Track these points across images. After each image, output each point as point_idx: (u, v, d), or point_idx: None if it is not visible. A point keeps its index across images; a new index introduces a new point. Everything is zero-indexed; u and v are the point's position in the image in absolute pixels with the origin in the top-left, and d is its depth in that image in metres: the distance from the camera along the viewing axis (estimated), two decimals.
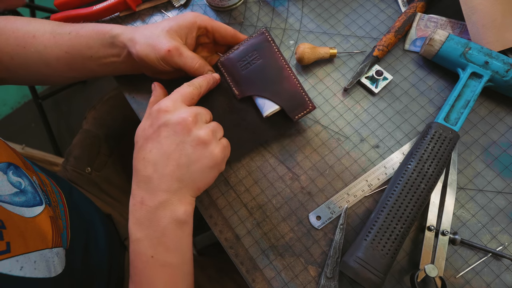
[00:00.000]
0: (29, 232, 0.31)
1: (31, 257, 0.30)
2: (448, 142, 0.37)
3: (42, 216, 0.34)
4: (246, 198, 0.41)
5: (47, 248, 0.33)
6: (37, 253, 0.31)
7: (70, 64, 0.40)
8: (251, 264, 0.39)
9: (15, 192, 0.32)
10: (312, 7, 0.51)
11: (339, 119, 0.44)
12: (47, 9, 1.22)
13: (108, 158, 0.59)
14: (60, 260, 0.34)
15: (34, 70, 0.41)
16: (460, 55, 0.41)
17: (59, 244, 0.35)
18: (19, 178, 0.34)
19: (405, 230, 0.34)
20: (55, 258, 0.33)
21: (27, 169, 0.37)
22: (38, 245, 0.31)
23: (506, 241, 0.37)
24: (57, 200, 0.41)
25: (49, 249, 0.33)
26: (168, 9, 0.54)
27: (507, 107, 0.42)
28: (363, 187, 0.40)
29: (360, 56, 0.47)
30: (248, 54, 0.40)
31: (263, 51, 0.40)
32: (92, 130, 0.60)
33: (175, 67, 0.38)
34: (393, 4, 0.49)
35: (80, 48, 0.39)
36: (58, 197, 0.41)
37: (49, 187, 0.41)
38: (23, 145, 0.97)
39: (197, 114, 0.33)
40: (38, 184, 0.38)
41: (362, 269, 0.32)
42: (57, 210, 0.39)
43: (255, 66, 0.40)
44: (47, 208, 0.35)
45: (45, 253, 0.32)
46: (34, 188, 0.35)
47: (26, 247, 0.30)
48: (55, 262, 0.33)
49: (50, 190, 0.40)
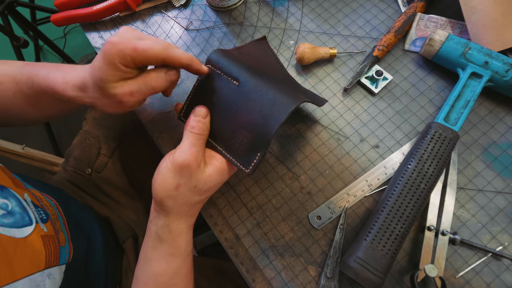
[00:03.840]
0: (18, 256, 0.30)
1: (17, 286, 0.29)
2: (448, 142, 0.37)
3: (33, 237, 0.33)
4: (246, 198, 0.41)
5: (38, 272, 0.32)
6: (25, 279, 0.30)
7: (37, 104, 0.38)
8: (251, 264, 0.39)
9: (2, 214, 0.31)
10: (312, 7, 0.51)
11: (339, 119, 0.44)
12: (47, 9, 1.22)
13: (108, 159, 0.59)
14: (52, 282, 0.33)
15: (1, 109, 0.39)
16: (460, 55, 0.41)
17: (54, 263, 0.34)
18: (5, 199, 0.33)
19: (405, 230, 0.34)
20: (46, 281, 0.32)
21: (17, 187, 0.36)
22: (28, 270, 0.30)
23: (506, 241, 0.37)
24: (56, 213, 0.40)
25: (40, 271, 0.32)
26: (168, 9, 0.54)
27: (507, 107, 0.42)
28: (363, 187, 0.40)
29: (360, 56, 0.47)
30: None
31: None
32: (92, 131, 0.60)
33: (132, 53, 0.30)
34: (393, 4, 0.49)
35: (48, 92, 0.35)
36: (56, 210, 0.41)
37: (44, 201, 0.40)
38: (23, 145, 0.96)
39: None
40: (31, 200, 0.36)
41: (362, 269, 0.32)
42: (57, 223, 0.38)
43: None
44: (38, 228, 0.34)
45: (35, 278, 0.31)
46: (22, 208, 0.34)
47: (12, 275, 0.29)
48: (46, 286, 0.32)
49: (46, 204, 0.40)
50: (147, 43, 0.30)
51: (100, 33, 0.54)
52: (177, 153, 0.33)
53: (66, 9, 0.53)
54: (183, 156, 0.32)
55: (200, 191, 0.34)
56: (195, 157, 0.32)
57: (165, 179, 0.33)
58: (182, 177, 0.32)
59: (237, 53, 0.40)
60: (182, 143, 0.33)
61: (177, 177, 0.32)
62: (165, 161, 0.33)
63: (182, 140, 0.34)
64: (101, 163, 0.58)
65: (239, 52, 0.40)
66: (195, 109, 0.35)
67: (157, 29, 0.53)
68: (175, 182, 0.32)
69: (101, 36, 0.53)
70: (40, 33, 1.15)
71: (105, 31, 0.54)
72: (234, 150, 0.35)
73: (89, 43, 0.57)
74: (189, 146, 0.33)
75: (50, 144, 1.27)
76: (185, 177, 0.32)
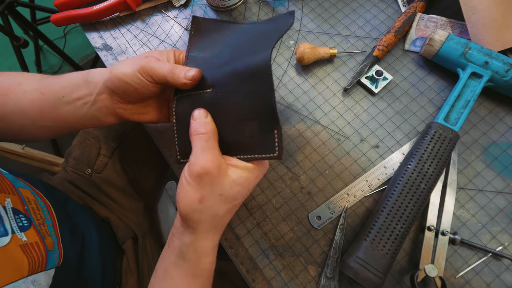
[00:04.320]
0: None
1: None
2: (448, 142, 0.37)
3: (11, 246, 0.32)
4: (246, 198, 0.41)
5: (22, 278, 0.31)
6: (7, 287, 0.29)
7: (42, 107, 0.37)
8: (251, 264, 0.39)
9: None
10: (312, 7, 0.51)
11: (339, 119, 0.44)
12: (47, 9, 1.22)
13: (108, 160, 0.59)
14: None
15: (10, 120, 0.38)
16: (460, 55, 0.41)
17: (39, 268, 0.34)
18: None
19: (405, 230, 0.34)
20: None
21: (0, 191, 0.35)
22: (9, 278, 0.30)
23: (506, 241, 0.37)
24: (43, 217, 0.39)
25: (24, 278, 0.31)
26: (168, 9, 0.54)
27: (507, 107, 0.42)
28: (363, 187, 0.40)
29: (360, 56, 0.47)
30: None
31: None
32: (92, 131, 0.60)
33: (154, 77, 0.33)
34: (393, 4, 0.49)
35: (54, 89, 0.36)
36: (44, 213, 0.40)
37: (33, 203, 0.39)
38: (23, 145, 0.96)
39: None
40: (13, 206, 0.35)
41: (362, 269, 0.32)
42: (43, 228, 0.38)
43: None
44: (15, 238, 0.33)
45: (18, 285, 0.30)
46: None
47: None
48: None
49: (34, 207, 0.39)
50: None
51: (100, 33, 0.54)
52: (191, 161, 0.30)
53: (66, 9, 0.53)
54: (199, 163, 0.29)
55: (226, 199, 0.30)
56: (212, 161, 0.29)
57: (187, 194, 0.30)
58: (204, 188, 0.29)
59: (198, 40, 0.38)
60: (193, 151, 0.30)
61: (198, 189, 0.29)
62: (183, 174, 0.31)
63: (192, 148, 0.31)
64: (101, 164, 0.58)
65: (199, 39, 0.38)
66: (192, 114, 0.32)
67: (157, 29, 0.53)
68: (198, 195, 0.29)
69: (101, 36, 0.53)
70: (40, 33, 1.15)
71: (105, 31, 0.54)
72: (251, 146, 0.31)
73: (89, 43, 0.57)
74: (201, 151, 0.30)
75: (50, 144, 1.27)
76: (207, 186, 0.29)
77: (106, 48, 0.53)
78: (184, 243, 0.31)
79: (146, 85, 0.34)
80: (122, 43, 0.52)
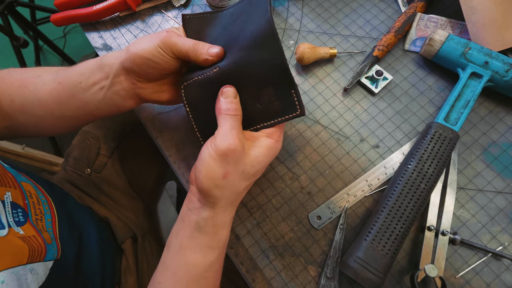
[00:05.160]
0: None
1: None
2: (448, 142, 0.37)
3: (10, 237, 0.32)
4: (246, 198, 0.41)
5: (20, 265, 0.31)
6: (6, 271, 0.29)
7: (60, 96, 0.37)
8: (251, 264, 0.39)
9: None
10: (312, 7, 0.51)
11: (339, 119, 0.44)
12: (47, 9, 1.22)
13: (107, 160, 0.59)
14: (35, 277, 0.33)
15: (30, 112, 0.38)
16: (460, 55, 0.41)
17: (38, 258, 0.34)
18: None
19: (405, 230, 0.34)
20: (28, 276, 0.32)
21: (1, 184, 0.35)
22: (9, 262, 0.30)
23: (506, 241, 0.37)
24: (42, 212, 0.39)
25: (23, 265, 0.31)
26: (168, 9, 0.54)
27: (507, 107, 0.42)
28: (363, 187, 0.40)
29: (360, 56, 0.47)
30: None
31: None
32: (91, 131, 0.60)
33: (176, 52, 0.34)
34: (393, 4, 0.49)
35: (71, 76, 0.37)
36: (45, 207, 0.40)
37: (34, 198, 0.39)
38: (23, 145, 0.97)
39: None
40: (13, 200, 0.36)
41: (362, 269, 0.32)
42: (40, 223, 0.38)
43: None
44: (12, 231, 0.34)
45: (17, 271, 0.31)
46: None
47: None
48: (28, 280, 0.31)
49: (35, 201, 0.39)
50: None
51: (100, 33, 0.54)
52: (218, 139, 0.30)
53: (66, 9, 0.53)
54: (227, 141, 0.30)
55: (247, 175, 0.32)
56: (239, 139, 0.30)
57: (211, 169, 0.30)
58: (229, 164, 0.30)
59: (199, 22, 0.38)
60: (220, 128, 0.31)
61: (223, 165, 0.30)
62: (207, 148, 0.31)
63: (219, 125, 0.32)
64: (101, 163, 0.58)
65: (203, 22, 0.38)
66: (222, 90, 0.32)
67: (157, 29, 0.53)
68: (222, 170, 0.30)
69: (101, 36, 0.53)
70: (40, 33, 1.15)
71: (105, 31, 0.54)
72: (271, 113, 0.33)
73: (89, 43, 0.57)
74: (229, 129, 0.31)
75: (50, 144, 1.27)
76: (232, 163, 0.30)
77: (106, 48, 0.53)
78: (202, 218, 0.32)
79: (168, 60, 0.34)
80: (122, 43, 0.52)
